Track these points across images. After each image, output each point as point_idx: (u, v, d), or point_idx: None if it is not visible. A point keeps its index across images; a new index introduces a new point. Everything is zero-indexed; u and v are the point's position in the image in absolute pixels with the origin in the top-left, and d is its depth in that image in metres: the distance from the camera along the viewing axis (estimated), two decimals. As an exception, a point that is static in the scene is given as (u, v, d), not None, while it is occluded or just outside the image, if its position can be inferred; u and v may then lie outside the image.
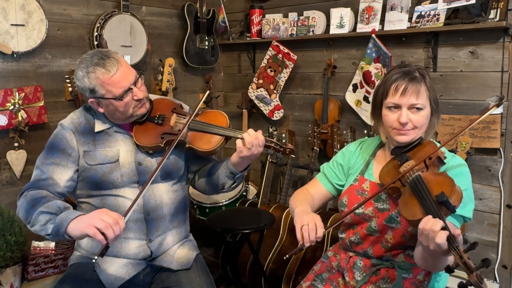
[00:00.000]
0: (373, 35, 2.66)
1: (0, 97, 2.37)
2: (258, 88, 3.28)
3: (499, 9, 2.26)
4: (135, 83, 1.63)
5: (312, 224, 1.39)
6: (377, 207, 1.52)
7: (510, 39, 2.32)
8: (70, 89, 2.65)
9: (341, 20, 2.82)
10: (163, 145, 1.68)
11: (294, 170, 3.12)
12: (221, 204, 3.04)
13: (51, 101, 2.64)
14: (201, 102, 1.78)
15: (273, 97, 3.25)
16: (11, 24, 2.37)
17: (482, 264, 1.10)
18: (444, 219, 1.20)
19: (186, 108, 1.84)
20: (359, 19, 2.76)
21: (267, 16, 3.22)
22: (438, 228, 1.16)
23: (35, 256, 2.32)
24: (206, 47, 3.36)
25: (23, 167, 2.52)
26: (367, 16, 2.72)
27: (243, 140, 1.60)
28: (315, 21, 2.96)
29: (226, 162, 1.73)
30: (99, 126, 1.69)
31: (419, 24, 2.50)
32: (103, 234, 1.34)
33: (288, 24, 3.10)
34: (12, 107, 2.41)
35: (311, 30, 2.98)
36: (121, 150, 1.69)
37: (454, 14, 2.44)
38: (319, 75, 3.11)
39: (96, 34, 2.78)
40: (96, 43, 2.78)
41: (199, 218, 3.06)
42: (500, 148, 2.37)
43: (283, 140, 2.97)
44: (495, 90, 2.38)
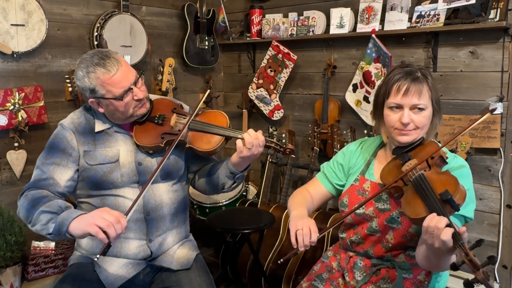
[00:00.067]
0: (373, 35, 2.66)
1: (0, 97, 2.37)
2: (258, 88, 3.28)
3: (499, 9, 2.26)
4: (135, 83, 1.63)
5: (307, 229, 1.40)
6: (377, 207, 1.52)
7: (510, 39, 2.32)
8: (70, 89, 2.65)
9: (341, 20, 2.82)
10: (163, 145, 1.68)
11: (294, 170, 3.12)
12: (221, 204, 3.04)
13: (51, 101, 2.64)
14: (201, 102, 1.78)
15: (273, 97, 3.25)
16: (11, 24, 2.37)
17: (488, 261, 1.10)
18: (449, 217, 1.20)
19: (186, 108, 1.84)
20: (359, 19, 2.76)
21: (267, 16, 3.21)
22: (443, 225, 1.16)
23: (35, 256, 2.32)
24: (206, 47, 3.36)
25: (23, 167, 2.52)
26: (367, 16, 2.72)
27: (243, 140, 1.60)
28: (315, 21, 2.96)
29: (226, 162, 1.73)
30: (99, 126, 1.70)
31: (419, 24, 2.50)
32: (105, 233, 1.34)
33: (288, 24, 3.10)
34: (12, 107, 2.40)
35: (311, 30, 2.98)
36: (121, 150, 1.69)
37: (454, 14, 2.44)
38: (319, 75, 3.11)
39: (96, 34, 2.77)
40: (96, 43, 2.77)
41: (199, 218, 3.06)
42: (500, 148, 2.37)
43: (283, 140, 2.97)
44: (495, 90, 2.38)
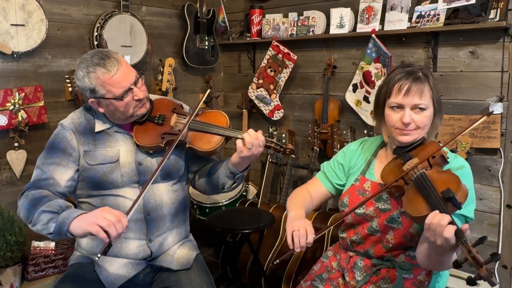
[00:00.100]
0: (373, 35, 2.66)
1: (0, 97, 2.37)
2: (258, 88, 3.28)
3: (499, 9, 2.26)
4: (135, 83, 1.63)
5: (303, 230, 1.41)
6: (378, 207, 1.52)
7: (510, 39, 2.32)
8: (70, 89, 2.65)
9: (341, 20, 2.82)
10: (163, 145, 1.68)
11: (294, 170, 3.12)
12: (221, 204, 3.04)
13: (51, 101, 2.64)
14: (201, 102, 1.78)
15: (273, 97, 3.25)
16: (11, 24, 2.37)
17: (492, 258, 1.09)
18: (451, 215, 1.20)
19: (186, 108, 1.84)
20: (359, 19, 2.76)
21: (267, 16, 3.21)
22: (445, 222, 1.16)
23: (35, 256, 2.32)
24: (206, 47, 3.36)
25: (23, 167, 2.52)
26: (367, 16, 2.72)
27: (243, 140, 1.60)
28: (315, 21, 2.96)
29: (226, 162, 1.73)
30: (99, 126, 1.69)
31: (419, 24, 2.50)
32: (106, 232, 1.34)
33: (288, 24, 3.10)
34: (12, 107, 2.40)
35: (311, 30, 2.98)
36: (121, 150, 1.69)
37: (454, 14, 2.44)
38: (319, 75, 3.11)
39: (96, 34, 2.77)
40: (96, 43, 2.77)
41: (199, 218, 3.06)
42: (500, 148, 2.37)
43: (283, 140, 2.97)
44: (495, 90, 2.38)
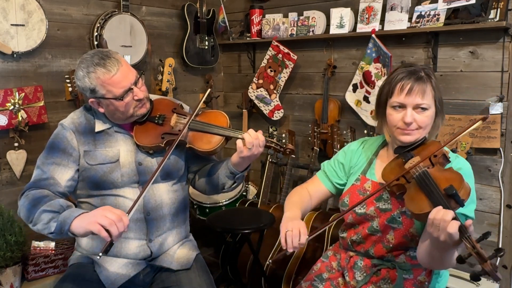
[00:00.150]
0: (373, 35, 2.66)
1: (0, 97, 2.37)
2: (258, 88, 3.28)
3: (499, 9, 2.26)
4: (135, 83, 1.63)
5: (296, 230, 1.42)
6: (378, 207, 1.52)
7: (510, 39, 2.32)
8: (70, 89, 2.65)
9: (341, 20, 2.82)
10: (163, 145, 1.68)
11: (294, 170, 3.12)
12: (221, 204, 3.04)
13: (51, 101, 2.64)
14: (201, 102, 1.78)
15: (273, 97, 3.25)
16: (11, 24, 2.37)
17: (496, 253, 1.09)
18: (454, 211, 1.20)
19: (186, 108, 1.84)
20: (359, 19, 2.76)
21: (267, 16, 3.21)
22: (449, 217, 1.16)
23: (35, 256, 2.32)
24: (206, 47, 3.36)
25: (23, 167, 2.52)
26: (367, 16, 2.72)
27: (244, 140, 1.60)
28: (315, 21, 2.96)
29: (227, 162, 1.73)
30: (99, 126, 1.70)
31: (419, 24, 2.50)
32: (107, 231, 1.34)
33: (288, 24, 3.10)
34: (12, 107, 2.40)
35: (311, 30, 2.98)
36: (121, 150, 1.69)
37: (454, 14, 2.44)
38: (319, 75, 3.11)
39: (96, 34, 2.77)
40: (96, 43, 2.77)
41: (199, 218, 3.06)
42: (500, 148, 2.37)
43: (283, 140, 2.97)
44: (495, 90, 2.38)
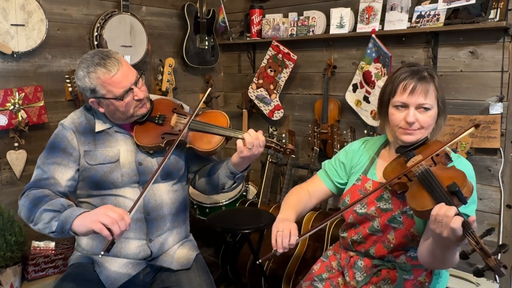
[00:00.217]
0: (373, 35, 2.66)
1: (0, 97, 2.37)
2: (258, 88, 3.28)
3: (499, 9, 2.26)
4: (135, 83, 1.63)
5: (287, 231, 1.43)
6: (379, 206, 1.52)
7: (510, 39, 2.32)
8: (70, 89, 2.65)
9: (341, 20, 2.82)
10: (163, 145, 1.68)
11: (294, 170, 3.12)
12: (221, 204, 3.04)
13: (51, 101, 2.64)
14: (201, 102, 1.78)
15: (273, 97, 3.25)
16: (11, 24, 2.37)
17: (500, 249, 1.09)
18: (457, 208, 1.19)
19: (186, 108, 1.84)
20: (359, 19, 2.76)
21: (267, 16, 3.21)
22: (452, 213, 1.15)
23: (35, 256, 2.32)
24: (206, 47, 3.36)
25: (23, 167, 2.52)
26: (367, 16, 2.72)
27: (244, 140, 1.60)
28: (315, 21, 2.96)
29: (227, 162, 1.73)
30: (99, 126, 1.70)
31: (419, 24, 2.50)
32: (109, 230, 1.34)
33: (288, 24, 3.10)
34: (12, 107, 2.40)
35: (311, 30, 2.98)
36: (121, 150, 1.69)
37: (454, 14, 2.44)
38: (319, 75, 3.11)
39: (96, 34, 2.77)
40: (96, 43, 2.77)
41: (199, 218, 3.06)
42: (500, 148, 2.37)
43: (283, 140, 2.97)
44: (495, 90, 2.38)
